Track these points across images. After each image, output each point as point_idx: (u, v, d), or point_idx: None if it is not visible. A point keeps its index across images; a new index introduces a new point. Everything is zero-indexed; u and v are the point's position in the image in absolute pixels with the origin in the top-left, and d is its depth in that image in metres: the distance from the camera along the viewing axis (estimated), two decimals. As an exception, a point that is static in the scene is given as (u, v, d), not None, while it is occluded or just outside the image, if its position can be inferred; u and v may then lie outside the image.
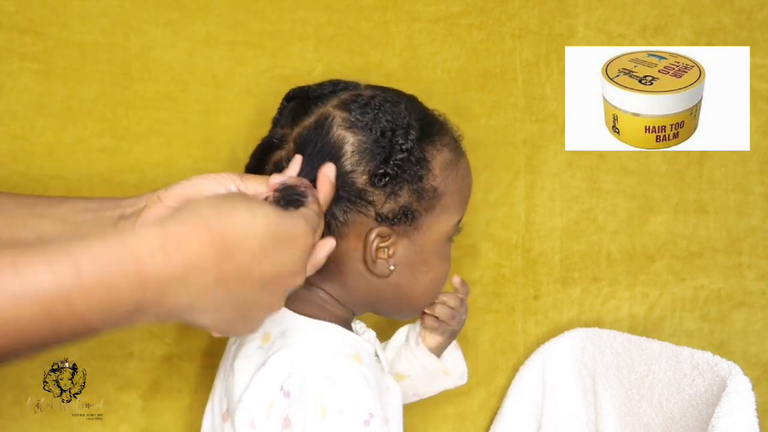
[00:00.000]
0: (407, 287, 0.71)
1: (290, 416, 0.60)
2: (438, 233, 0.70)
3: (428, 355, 0.82)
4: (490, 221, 1.01)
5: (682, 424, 0.83)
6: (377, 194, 0.66)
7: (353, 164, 0.66)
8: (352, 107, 0.67)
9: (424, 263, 0.70)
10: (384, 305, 0.73)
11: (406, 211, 0.67)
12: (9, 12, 0.82)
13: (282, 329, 0.66)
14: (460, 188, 0.72)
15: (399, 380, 0.83)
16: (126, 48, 0.86)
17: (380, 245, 0.68)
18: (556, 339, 1.00)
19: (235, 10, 0.90)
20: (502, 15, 1.01)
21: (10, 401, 0.86)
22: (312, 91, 0.70)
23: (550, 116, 1.03)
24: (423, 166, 0.67)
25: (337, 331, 0.68)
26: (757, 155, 1.11)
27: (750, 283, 1.11)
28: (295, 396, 0.61)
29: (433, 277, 0.72)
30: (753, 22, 1.10)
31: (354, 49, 0.95)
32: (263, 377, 0.63)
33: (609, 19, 1.05)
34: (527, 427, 0.98)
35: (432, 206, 0.69)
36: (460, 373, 0.86)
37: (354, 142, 0.66)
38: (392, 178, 0.66)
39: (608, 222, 1.06)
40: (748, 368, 0.86)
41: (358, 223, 0.67)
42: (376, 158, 0.65)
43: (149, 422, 0.90)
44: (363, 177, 0.66)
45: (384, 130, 0.66)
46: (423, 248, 0.70)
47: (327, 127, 0.66)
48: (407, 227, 0.68)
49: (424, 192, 0.68)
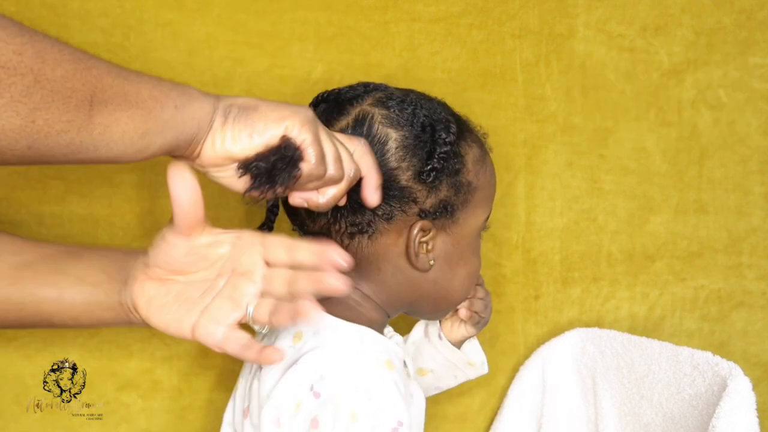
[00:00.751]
0: (445, 282, 0.72)
1: (318, 417, 0.60)
2: (472, 227, 0.72)
3: (452, 348, 0.83)
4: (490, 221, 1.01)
5: (682, 424, 0.83)
6: (420, 190, 0.67)
7: (398, 160, 0.67)
8: (389, 104, 0.68)
9: (460, 257, 0.72)
10: (422, 303, 0.73)
11: (445, 205, 0.69)
12: (9, 12, 0.82)
13: (315, 329, 0.66)
14: (490, 183, 0.74)
15: (422, 375, 0.84)
16: (126, 48, 0.86)
17: (421, 240, 0.69)
18: (556, 339, 1.00)
19: (235, 10, 0.90)
20: (502, 15, 1.01)
21: (10, 401, 0.86)
22: (344, 92, 0.71)
23: (550, 116, 1.03)
24: (459, 161, 0.69)
25: (371, 335, 0.67)
26: (757, 155, 1.11)
27: (750, 283, 1.11)
28: (326, 398, 0.61)
29: (468, 271, 0.73)
30: (753, 22, 1.10)
31: (354, 49, 0.95)
32: (294, 376, 0.63)
33: (609, 19, 1.05)
34: (527, 427, 0.98)
35: (467, 200, 0.70)
36: (481, 362, 0.86)
37: (398, 138, 0.67)
38: (438, 173, 0.67)
39: (608, 222, 1.06)
40: (748, 368, 0.86)
41: (399, 220, 0.68)
42: (419, 153, 0.67)
43: (149, 422, 0.90)
44: (407, 173, 0.67)
45: (424, 125, 0.67)
46: (459, 242, 0.71)
47: (368, 124, 0.67)
48: (446, 221, 0.69)
49: (461, 186, 0.69)
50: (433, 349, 0.84)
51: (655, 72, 1.07)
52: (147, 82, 0.53)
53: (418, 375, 0.85)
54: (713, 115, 1.09)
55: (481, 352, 0.87)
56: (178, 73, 0.88)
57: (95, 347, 0.88)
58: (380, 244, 0.69)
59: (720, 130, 1.09)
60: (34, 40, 0.49)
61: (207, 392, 0.92)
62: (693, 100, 1.08)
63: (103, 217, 0.89)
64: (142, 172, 0.89)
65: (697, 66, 1.08)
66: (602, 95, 1.05)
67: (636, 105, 1.06)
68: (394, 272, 0.70)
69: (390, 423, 0.60)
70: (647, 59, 1.06)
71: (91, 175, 0.88)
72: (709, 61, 1.08)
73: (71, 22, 0.84)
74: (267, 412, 0.63)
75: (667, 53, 1.07)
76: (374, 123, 0.67)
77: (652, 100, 1.07)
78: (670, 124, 1.07)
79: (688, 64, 1.08)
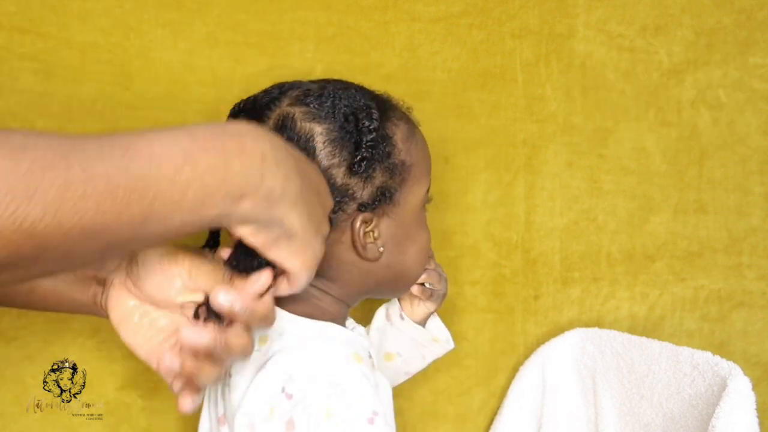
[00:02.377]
0: (398, 263, 0.72)
1: (294, 418, 0.60)
2: (413, 204, 0.71)
3: (414, 326, 0.82)
4: (490, 221, 1.01)
5: (682, 424, 0.83)
6: (356, 184, 0.66)
7: (328, 156, 0.65)
8: (307, 100, 0.67)
9: (407, 236, 0.71)
10: (380, 288, 0.73)
11: (383, 191, 0.68)
12: (9, 12, 0.82)
13: (279, 330, 0.66)
14: (424, 156, 0.73)
15: (389, 360, 0.84)
16: (126, 48, 0.86)
17: (365, 231, 0.68)
18: (556, 339, 1.00)
19: (235, 10, 0.90)
20: (502, 15, 1.01)
21: (10, 401, 0.86)
22: (260, 98, 0.69)
23: (550, 116, 1.03)
24: (387, 143, 0.68)
25: (335, 330, 0.67)
26: (757, 155, 1.11)
27: (750, 283, 1.11)
28: (298, 398, 0.60)
29: (418, 247, 0.73)
30: (753, 22, 1.10)
31: (354, 49, 0.95)
32: (263, 380, 0.62)
33: (609, 19, 1.05)
34: (527, 427, 0.98)
35: (404, 180, 0.70)
36: (446, 337, 0.86)
37: (322, 132, 0.65)
38: (368, 162, 0.66)
39: (608, 222, 1.06)
40: (748, 368, 0.86)
41: (340, 218, 0.67)
42: (347, 146, 0.66)
43: (149, 422, 0.90)
44: (341, 169, 0.66)
45: (347, 114, 0.66)
46: (403, 222, 0.71)
47: (290, 124, 0.66)
48: (386, 206, 0.69)
49: (395, 167, 0.69)
50: (396, 331, 0.83)
51: (655, 72, 1.07)
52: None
53: (385, 360, 0.84)
54: (713, 115, 1.09)
55: (444, 329, 0.86)
56: (178, 73, 0.88)
57: (95, 347, 0.88)
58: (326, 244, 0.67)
59: (720, 130, 1.09)
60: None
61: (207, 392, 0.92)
62: (693, 100, 1.08)
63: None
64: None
65: (697, 66, 1.08)
66: (602, 95, 1.05)
67: (636, 105, 1.06)
68: (346, 267, 0.69)
69: (365, 414, 0.60)
70: (647, 59, 1.06)
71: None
72: (709, 61, 1.08)
73: (71, 22, 0.84)
74: (240, 420, 0.63)
75: (667, 53, 1.07)
76: (296, 121, 0.66)
77: (652, 100, 1.07)
78: (670, 124, 1.07)
79: (688, 64, 1.08)
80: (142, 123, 0.89)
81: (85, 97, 0.87)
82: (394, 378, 0.86)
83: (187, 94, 0.90)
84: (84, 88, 0.87)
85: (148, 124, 0.89)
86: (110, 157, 0.43)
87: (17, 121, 0.86)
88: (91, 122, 0.88)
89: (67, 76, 0.86)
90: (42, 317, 0.88)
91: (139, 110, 0.89)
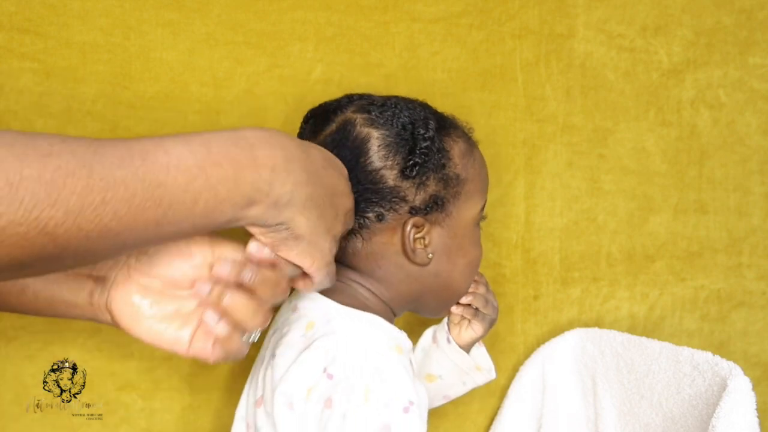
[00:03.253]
0: (446, 273, 0.74)
1: (332, 397, 0.61)
2: (467, 218, 0.74)
3: (459, 351, 0.83)
4: (490, 221, 1.01)
5: (682, 424, 0.83)
6: (408, 188, 0.69)
7: (381, 159, 0.69)
8: (370, 108, 0.71)
9: (459, 248, 0.74)
10: (426, 298, 0.75)
11: (435, 199, 0.70)
12: (9, 12, 0.82)
13: (327, 317, 0.68)
14: (480, 175, 0.75)
15: (430, 381, 0.85)
16: (126, 48, 0.86)
17: (416, 236, 0.71)
18: (556, 339, 1.00)
19: (235, 10, 0.90)
20: (502, 15, 1.01)
21: (10, 401, 0.86)
22: (329, 105, 0.74)
23: (550, 116, 1.03)
24: (444, 156, 0.71)
25: (380, 322, 0.69)
26: (757, 155, 1.11)
27: (750, 283, 1.11)
28: (338, 379, 0.62)
29: (468, 261, 0.75)
30: (753, 22, 1.10)
31: (354, 49, 0.95)
32: (307, 359, 0.64)
33: (609, 19, 1.05)
34: (527, 427, 0.98)
35: (458, 193, 0.72)
36: (488, 367, 0.87)
37: (378, 137, 0.69)
38: (420, 167, 0.69)
39: (608, 222, 1.06)
40: (748, 368, 0.86)
41: (392, 219, 0.70)
42: (401, 151, 0.69)
43: (149, 422, 0.90)
44: (393, 172, 0.69)
45: (404, 124, 0.70)
46: (456, 234, 0.73)
47: (350, 127, 0.70)
48: (438, 214, 0.71)
49: (449, 179, 0.71)
50: (441, 354, 0.84)
51: (655, 72, 1.07)
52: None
53: (426, 381, 0.85)
54: (713, 115, 1.09)
55: (488, 358, 0.87)
56: (178, 73, 0.88)
57: (95, 347, 0.88)
58: (376, 244, 0.71)
59: (720, 130, 1.09)
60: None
61: (207, 392, 0.92)
62: (693, 100, 1.08)
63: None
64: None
65: (697, 66, 1.08)
66: (602, 95, 1.05)
67: (636, 105, 1.06)
68: (395, 269, 0.72)
69: (402, 402, 0.62)
70: (647, 59, 1.06)
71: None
72: (709, 61, 1.08)
73: (71, 22, 0.84)
74: (279, 396, 0.64)
75: (667, 53, 1.07)
76: (355, 125, 0.70)
77: (652, 100, 1.07)
78: (669, 124, 1.07)
79: (688, 64, 1.08)
80: (142, 123, 0.89)
81: (85, 97, 0.87)
82: (432, 400, 0.87)
83: (187, 94, 0.90)
84: (84, 88, 0.87)
85: (148, 124, 0.89)
86: (129, 165, 0.46)
87: (17, 121, 0.86)
88: (91, 122, 0.88)
89: (67, 76, 0.86)
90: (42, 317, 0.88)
91: (139, 110, 0.89)
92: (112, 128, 0.88)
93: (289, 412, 0.63)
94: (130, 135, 0.89)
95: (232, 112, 0.91)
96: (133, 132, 0.89)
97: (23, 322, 0.87)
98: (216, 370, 0.92)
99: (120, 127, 0.89)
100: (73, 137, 0.46)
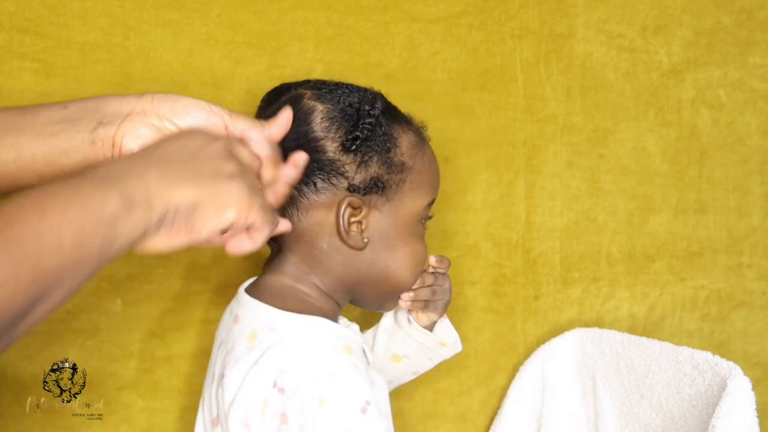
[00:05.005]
0: (383, 262, 0.72)
1: (286, 412, 0.61)
2: (410, 209, 0.72)
3: (422, 331, 0.82)
4: (490, 221, 1.01)
5: (682, 424, 0.83)
6: (349, 163, 0.68)
7: (323, 130, 0.68)
8: (321, 87, 0.71)
9: (398, 238, 0.72)
10: (364, 287, 0.73)
11: (376, 181, 0.69)
12: (9, 12, 0.82)
13: (269, 326, 0.66)
14: (429, 170, 0.74)
15: (397, 361, 0.84)
16: (126, 48, 0.86)
17: (352, 219, 0.69)
18: (556, 339, 1.00)
19: (235, 10, 0.90)
20: (502, 15, 1.01)
21: (10, 401, 0.86)
22: (285, 84, 0.74)
23: (550, 116, 1.03)
24: (390, 141, 0.70)
25: (325, 324, 0.67)
26: (757, 155, 1.11)
27: (750, 283, 1.11)
28: (290, 392, 0.61)
29: (408, 253, 0.73)
30: (753, 22, 1.10)
31: (354, 49, 0.95)
32: (255, 376, 0.63)
33: (609, 19, 1.05)
34: (527, 427, 0.98)
35: (402, 180, 0.71)
36: (453, 340, 0.86)
37: (323, 110, 0.69)
38: (362, 143, 0.68)
39: (608, 222, 1.06)
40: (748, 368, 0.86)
41: (329, 194, 0.69)
42: (344, 125, 0.68)
43: (149, 422, 0.90)
44: (334, 144, 0.68)
45: (351, 102, 0.70)
46: (396, 223, 0.71)
47: (297, 100, 0.70)
48: (378, 198, 0.70)
49: (393, 165, 0.70)
50: (404, 334, 0.83)
51: (655, 72, 1.07)
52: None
53: (393, 361, 0.85)
54: (713, 115, 1.09)
55: (453, 331, 0.86)
56: (178, 73, 0.88)
57: (95, 347, 0.88)
58: (312, 219, 0.69)
59: (720, 130, 1.09)
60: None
61: (207, 392, 0.92)
62: (693, 100, 1.08)
63: (103, 217, 0.89)
64: (142, 172, 0.89)
65: (697, 66, 1.08)
66: (602, 95, 1.05)
67: (636, 105, 1.06)
68: (330, 251, 0.70)
69: (358, 403, 0.61)
70: (647, 59, 1.06)
71: (91, 175, 0.88)
72: (709, 61, 1.08)
73: (71, 22, 0.84)
74: (234, 416, 0.63)
75: (667, 53, 1.07)
76: (303, 98, 0.70)
77: (652, 100, 1.07)
78: (669, 124, 1.07)
79: (688, 64, 1.08)
80: (142, 123, 0.89)
81: (85, 97, 0.87)
82: (401, 377, 0.86)
83: (186, 94, 0.90)
84: (84, 88, 0.87)
85: (148, 124, 0.89)
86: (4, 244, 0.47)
87: (17, 121, 0.86)
88: (91, 122, 0.88)
89: (67, 76, 0.86)
90: (42, 317, 0.88)
91: (139, 110, 0.89)
92: (112, 128, 0.88)
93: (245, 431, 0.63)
94: (130, 135, 0.89)
95: (232, 112, 0.91)
96: (133, 132, 0.89)
97: (23, 322, 0.87)
98: (216, 370, 0.92)
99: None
100: None
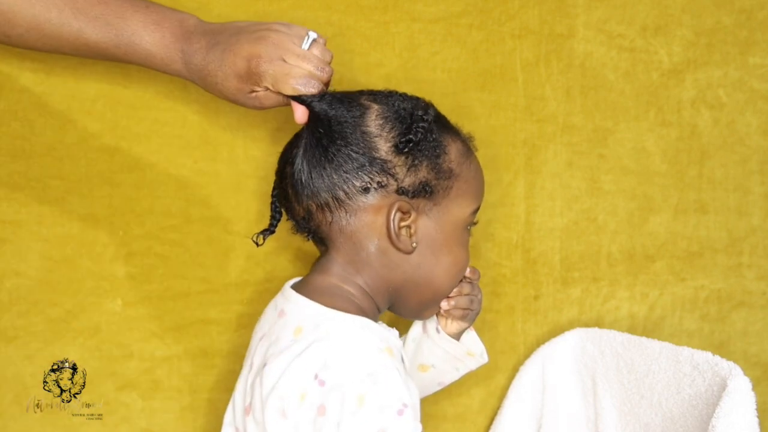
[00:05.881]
0: (428, 267, 0.73)
1: (325, 404, 0.62)
2: (456, 216, 0.73)
3: (450, 340, 0.83)
4: (490, 221, 1.01)
5: (682, 424, 0.83)
6: (399, 165, 0.69)
7: (378, 127, 0.70)
8: (377, 94, 0.73)
9: (444, 244, 0.73)
10: (406, 291, 0.74)
11: (424, 186, 0.70)
12: (9, 12, 0.82)
13: (315, 322, 0.67)
14: (475, 178, 0.75)
15: (424, 371, 0.85)
16: (126, 48, 0.86)
17: (402, 223, 0.70)
18: (556, 339, 1.00)
19: (235, 10, 0.90)
20: (502, 15, 1.01)
21: (10, 401, 0.86)
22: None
23: (550, 116, 1.03)
24: (440, 147, 0.71)
25: (370, 323, 0.69)
26: (757, 155, 1.11)
27: (750, 283, 1.11)
28: (331, 386, 0.62)
29: (453, 261, 0.74)
30: (753, 22, 1.10)
31: (354, 49, 0.95)
32: (298, 367, 0.64)
33: (609, 19, 1.05)
34: (527, 427, 0.98)
35: (449, 187, 0.72)
36: (480, 351, 0.87)
37: (378, 109, 0.71)
38: (414, 146, 0.69)
39: (608, 222, 1.06)
40: (748, 368, 0.86)
41: (378, 197, 0.70)
42: (398, 126, 0.70)
43: (149, 422, 0.90)
44: (387, 144, 0.69)
45: (405, 107, 0.71)
46: (443, 229, 0.73)
47: (353, 98, 0.72)
48: (426, 202, 0.71)
49: (442, 171, 0.71)
50: (432, 344, 0.84)
51: (655, 72, 1.07)
52: None
53: (419, 371, 0.85)
54: (713, 115, 1.09)
55: (479, 342, 0.87)
56: (178, 73, 0.88)
57: (95, 347, 0.88)
58: (361, 221, 0.70)
59: (720, 130, 1.09)
60: None
61: (207, 392, 0.92)
62: (693, 100, 1.08)
63: (103, 217, 0.89)
64: (142, 171, 0.89)
65: (697, 66, 1.08)
66: (602, 95, 1.05)
67: (636, 105, 1.06)
68: (377, 253, 0.71)
69: (396, 405, 0.62)
70: (647, 59, 1.06)
71: (91, 174, 0.88)
72: (709, 61, 1.08)
73: (71, 22, 0.84)
74: (271, 404, 0.64)
75: (667, 53, 1.07)
76: (359, 98, 0.72)
77: (652, 100, 1.07)
78: (670, 124, 1.07)
79: (688, 64, 1.08)
80: (142, 123, 0.89)
81: (85, 97, 0.87)
82: (427, 388, 0.87)
83: (187, 94, 0.90)
84: (84, 88, 0.87)
85: (148, 124, 0.89)
86: None
87: (17, 120, 0.86)
88: (91, 122, 0.88)
89: (67, 76, 0.86)
90: (42, 317, 0.88)
91: (139, 110, 0.89)
92: (112, 128, 0.88)
93: (281, 421, 0.63)
94: (130, 135, 0.89)
95: (231, 112, 0.91)
96: (133, 132, 0.89)
97: (23, 322, 0.87)
98: (216, 370, 0.92)
99: (120, 127, 0.89)
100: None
